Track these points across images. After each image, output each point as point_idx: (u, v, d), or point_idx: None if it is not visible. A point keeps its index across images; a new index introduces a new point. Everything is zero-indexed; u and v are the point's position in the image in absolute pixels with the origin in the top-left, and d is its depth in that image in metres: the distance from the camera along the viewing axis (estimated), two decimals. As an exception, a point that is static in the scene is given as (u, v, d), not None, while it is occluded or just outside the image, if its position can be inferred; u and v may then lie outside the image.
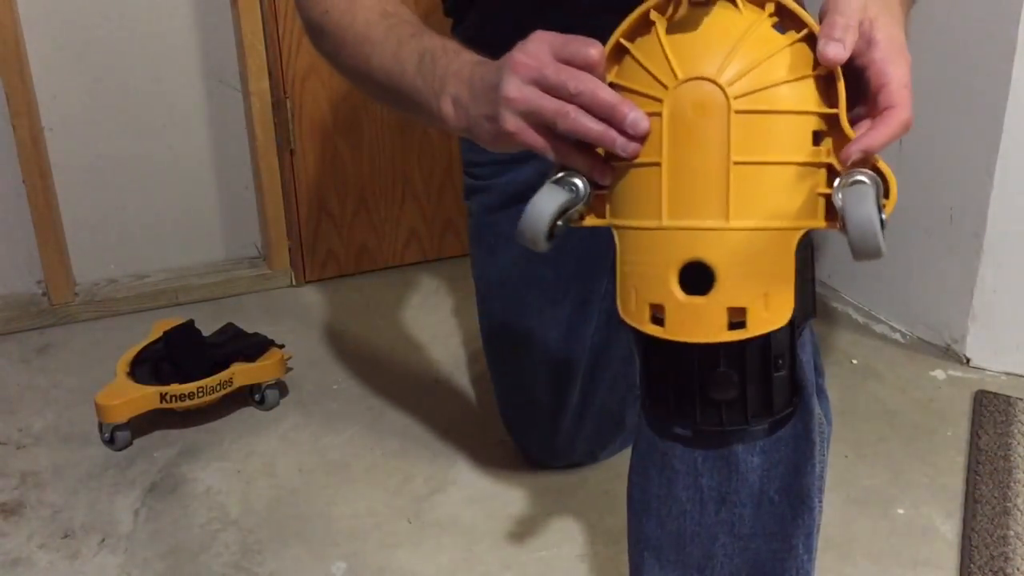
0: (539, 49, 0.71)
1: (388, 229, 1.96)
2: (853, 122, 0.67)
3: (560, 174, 0.71)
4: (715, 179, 0.65)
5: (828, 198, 0.66)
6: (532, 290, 1.21)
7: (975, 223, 1.53)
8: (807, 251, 0.72)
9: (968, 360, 1.59)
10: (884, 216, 0.62)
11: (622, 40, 0.71)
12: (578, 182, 0.70)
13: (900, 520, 1.26)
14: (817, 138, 0.67)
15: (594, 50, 0.69)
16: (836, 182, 0.65)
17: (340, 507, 1.30)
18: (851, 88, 0.67)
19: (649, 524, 0.80)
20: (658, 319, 0.69)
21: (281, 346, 1.53)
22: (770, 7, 0.68)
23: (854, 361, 1.60)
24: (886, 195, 0.65)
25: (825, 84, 0.67)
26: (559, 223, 0.69)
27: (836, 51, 0.65)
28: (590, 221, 0.73)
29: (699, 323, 0.67)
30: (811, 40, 0.67)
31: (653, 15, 0.69)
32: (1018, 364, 1.56)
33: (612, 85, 0.70)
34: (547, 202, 0.69)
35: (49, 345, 1.71)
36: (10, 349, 1.70)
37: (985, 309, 1.56)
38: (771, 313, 0.67)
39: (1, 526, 1.27)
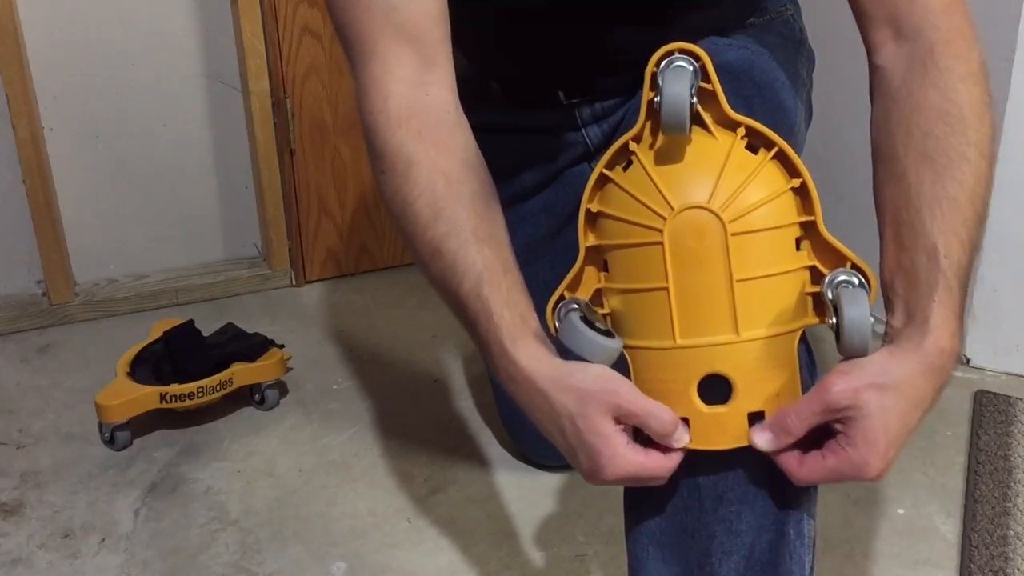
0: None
1: (388, 229, 1.96)
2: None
3: (559, 306, 0.76)
4: (722, 298, 0.70)
5: (814, 296, 0.72)
6: (531, 290, 1.22)
7: (975, 223, 1.52)
8: None
9: (968, 360, 1.59)
10: None
11: (605, 171, 0.75)
12: (577, 306, 0.75)
13: (900, 520, 1.26)
14: (798, 244, 0.72)
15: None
16: (824, 282, 0.71)
17: (340, 507, 1.30)
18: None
19: (653, 519, 0.80)
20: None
21: (281, 346, 1.53)
22: (741, 130, 0.72)
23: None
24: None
25: (799, 194, 0.72)
26: None
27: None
28: None
29: (723, 431, 0.72)
30: (781, 156, 0.72)
31: (632, 145, 0.74)
32: (1018, 364, 1.56)
33: (600, 214, 0.75)
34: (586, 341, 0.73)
35: (49, 345, 1.71)
36: (10, 349, 1.70)
37: (985, 309, 1.56)
38: None
39: (1, 526, 1.27)
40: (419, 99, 0.83)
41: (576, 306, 0.74)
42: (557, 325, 0.75)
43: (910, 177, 0.75)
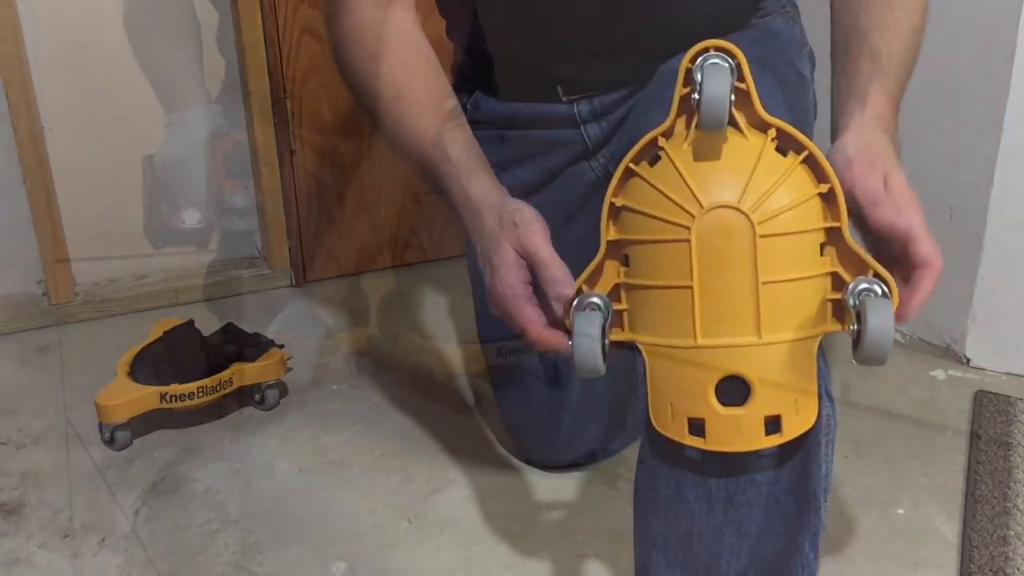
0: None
1: (388, 229, 1.96)
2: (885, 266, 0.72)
3: (576, 299, 0.75)
4: (746, 299, 0.70)
5: (834, 302, 0.72)
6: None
7: (975, 223, 1.53)
8: None
9: (968, 360, 1.59)
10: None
11: (632, 166, 0.74)
12: (597, 300, 0.74)
13: (900, 520, 1.26)
14: (822, 249, 0.72)
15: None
16: (847, 289, 0.70)
17: (340, 507, 1.30)
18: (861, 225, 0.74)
19: (657, 523, 0.80)
20: (696, 428, 0.72)
21: (281, 346, 1.53)
22: (772, 132, 0.72)
23: (854, 361, 1.60)
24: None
25: (825, 200, 0.72)
26: (606, 343, 0.73)
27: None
28: (616, 335, 0.76)
29: (739, 433, 0.71)
30: (810, 160, 0.72)
31: (661, 141, 0.73)
32: (1018, 364, 1.56)
33: (624, 208, 0.74)
34: (589, 330, 0.72)
35: (49, 345, 1.71)
36: (10, 349, 1.70)
37: (985, 309, 1.56)
38: (801, 416, 0.72)
39: (1, 526, 1.27)
40: (379, 14, 0.97)
41: (600, 306, 0.73)
42: (572, 316, 0.74)
43: (865, 8, 0.87)
